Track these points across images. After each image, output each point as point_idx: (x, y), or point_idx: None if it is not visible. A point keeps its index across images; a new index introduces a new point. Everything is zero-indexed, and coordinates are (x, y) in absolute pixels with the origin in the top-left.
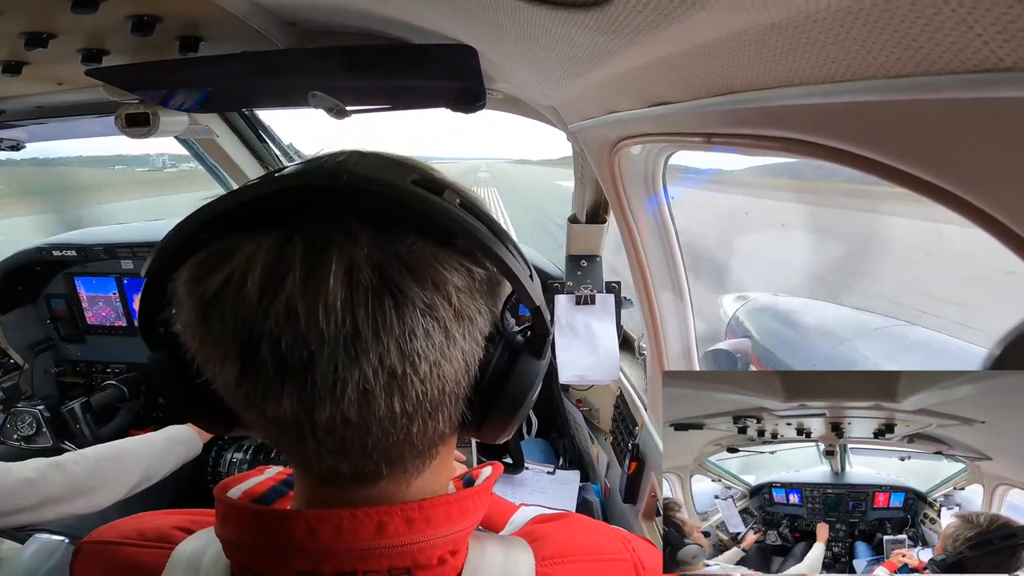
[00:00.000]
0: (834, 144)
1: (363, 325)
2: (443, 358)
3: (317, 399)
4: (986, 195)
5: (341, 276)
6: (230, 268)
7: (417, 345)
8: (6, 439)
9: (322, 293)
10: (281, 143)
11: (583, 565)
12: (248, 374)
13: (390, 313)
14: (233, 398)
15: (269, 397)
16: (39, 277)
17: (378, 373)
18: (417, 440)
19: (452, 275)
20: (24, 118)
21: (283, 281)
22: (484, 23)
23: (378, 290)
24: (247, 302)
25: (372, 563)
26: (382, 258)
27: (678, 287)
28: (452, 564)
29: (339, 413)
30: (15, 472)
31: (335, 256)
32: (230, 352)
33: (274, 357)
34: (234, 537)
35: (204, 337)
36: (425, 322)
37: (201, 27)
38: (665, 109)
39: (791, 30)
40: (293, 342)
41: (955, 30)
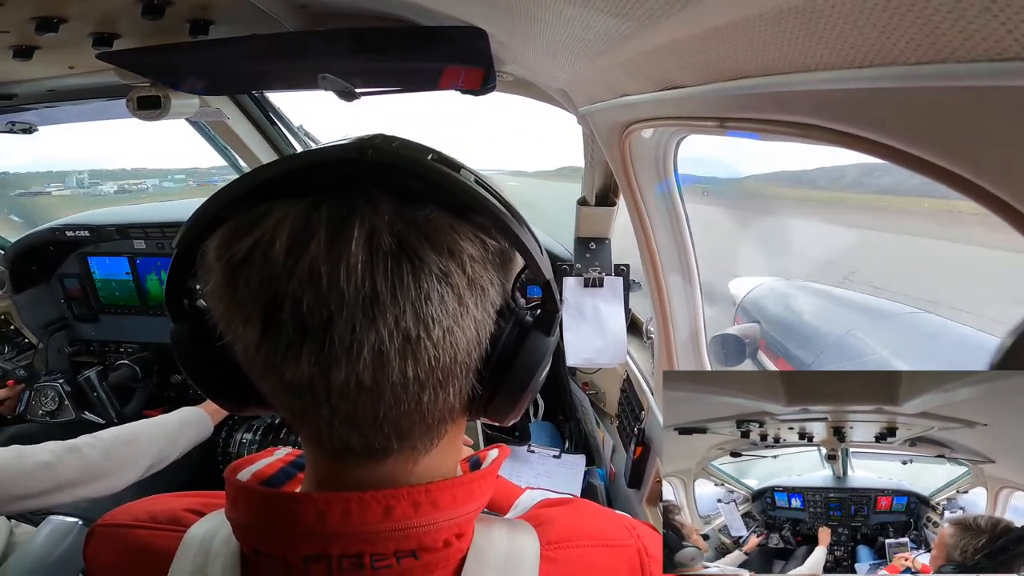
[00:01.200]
0: (851, 130)
1: (381, 288)
2: (456, 325)
3: (333, 360)
4: (1008, 185)
5: (363, 241)
6: (260, 232)
7: (432, 310)
8: (32, 416)
9: (344, 256)
10: (292, 125)
11: (588, 550)
12: (269, 335)
13: (407, 277)
14: (252, 363)
15: (288, 358)
16: (53, 257)
17: (393, 336)
18: (427, 411)
19: (467, 244)
20: (36, 102)
21: (308, 244)
22: (494, 5)
23: (397, 255)
24: (273, 263)
25: (379, 546)
26: (402, 226)
27: (687, 271)
28: (457, 547)
29: (354, 376)
30: (31, 456)
31: (358, 222)
32: (253, 313)
33: (295, 318)
34: (243, 519)
35: (230, 300)
36: (440, 287)
37: (211, 10)
38: (677, 93)
39: (808, 14)
40: (314, 303)
41: (978, 17)
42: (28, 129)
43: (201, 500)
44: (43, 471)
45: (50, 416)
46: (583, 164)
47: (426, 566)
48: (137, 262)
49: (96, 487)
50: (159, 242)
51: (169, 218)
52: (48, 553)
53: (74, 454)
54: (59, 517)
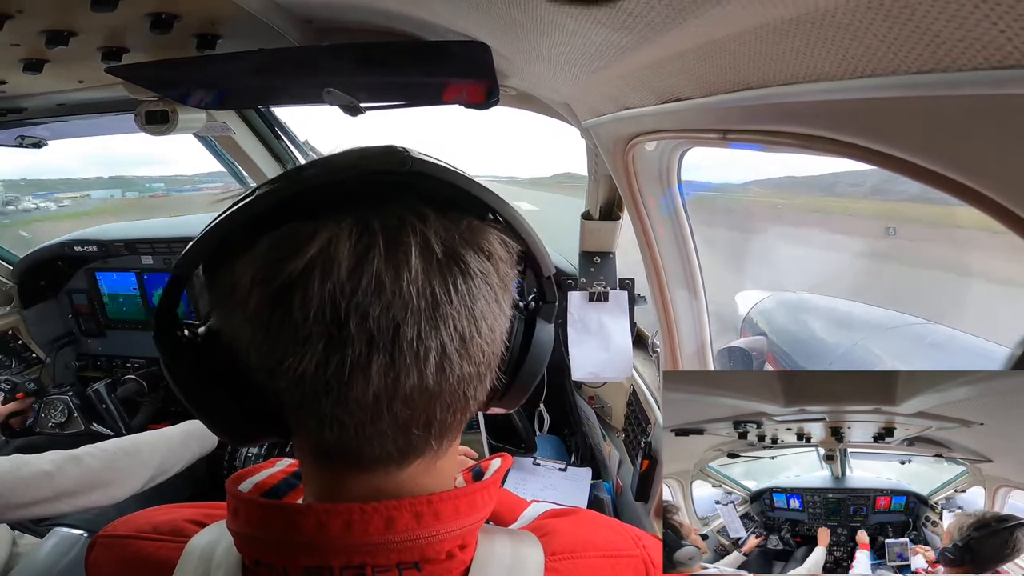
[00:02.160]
0: (853, 140)
1: (440, 293)
2: (496, 321)
3: (403, 368)
4: (1011, 194)
5: (417, 251)
6: (313, 250)
7: (479, 309)
8: (41, 428)
9: (404, 266)
10: (297, 140)
11: (593, 561)
12: (333, 353)
13: (459, 281)
14: (306, 387)
15: (355, 373)
16: (61, 272)
17: (453, 338)
18: (471, 406)
19: (497, 247)
20: (46, 115)
21: (371, 258)
22: (497, 19)
23: (448, 261)
24: (336, 280)
25: (381, 558)
26: (446, 234)
27: (692, 285)
28: (460, 558)
29: (421, 381)
30: (32, 464)
31: (411, 233)
32: (313, 333)
33: (362, 332)
34: (245, 531)
35: (279, 325)
36: (484, 288)
37: (218, 25)
38: (680, 105)
39: (809, 26)
40: (380, 314)
41: (978, 26)
42: (38, 143)
43: (203, 511)
44: (42, 480)
45: (59, 428)
46: (582, 171)
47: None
48: (145, 278)
49: (96, 497)
50: (167, 258)
51: (177, 233)
52: (53, 565)
53: (74, 463)
54: (64, 529)
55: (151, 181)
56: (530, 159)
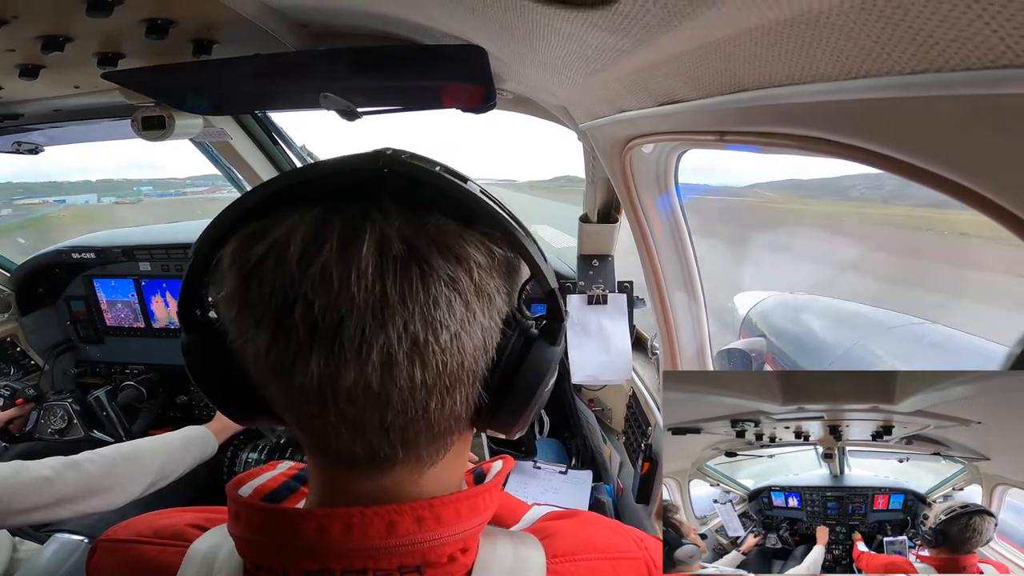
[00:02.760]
0: (849, 141)
1: (391, 292)
2: (463, 330)
3: (343, 362)
4: (1007, 193)
5: (374, 246)
6: (274, 236)
7: (440, 314)
8: (40, 434)
9: (355, 260)
10: (294, 145)
11: (594, 563)
12: (280, 338)
13: (416, 282)
14: (262, 368)
15: (298, 361)
16: (59, 279)
17: (402, 339)
18: (434, 419)
19: (474, 251)
20: (42, 121)
21: (321, 248)
22: (493, 23)
23: (406, 260)
24: (287, 266)
25: (383, 562)
26: (411, 232)
27: (691, 287)
28: (462, 562)
29: (362, 379)
30: (31, 470)
31: (369, 228)
32: (265, 316)
33: (306, 321)
34: (246, 535)
35: (243, 304)
36: (448, 293)
37: (214, 30)
38: (676, 108)
39: (803, 27)
40: (325, 306)
41: (971, 26)
42: (34, 149)
43: (204, 515)
44: (42, 485)
45: (58, 434)
46: (582, 174)
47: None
48: (143, 284)
49: (96, 502)
50: (164, 264)
51: (175, 240)
52: (53, 571)
53: (74, 469)
54: (65, 535)
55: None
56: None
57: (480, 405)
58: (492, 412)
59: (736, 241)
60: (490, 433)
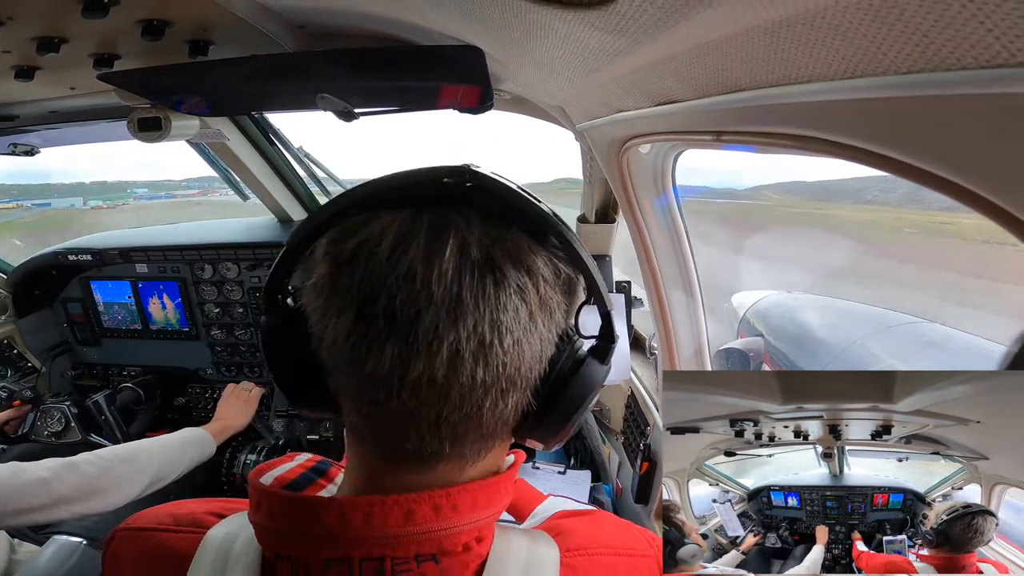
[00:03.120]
0: (846, 141)
1: (466, 294)
2: (524, 338)
3: (414, 354)
4: (1003, 192)
5: (456, 250)
6: (368, 232)
7: (507, 319)
8: (37, 436)
9: (438, 262)
10: (291, 146)
11: (607, 559)
12: (360, 325)
13: (489, 288)
14: (338, 353)
15: (373, 348)
16: (55, 281)
17: (470, 338)
18: (485, 418)
19: (542, 266)
20: (38, 123)
21: (408, 247)
22: (491, 24)
23: (482, 267)
24: (376, 261)
25: (400, 550)
26: (489, 241)
27: (689, 286)
28: (477, 551)
29: (429, 371)
30: (29, 472)
31: (452, 233)
32: (351, 304)
33: (387, 312)
34: (267, 523)
35: (331, 292)
36: (516, 301)
37: (210, 31)
38: (673, 108)
39: (800, 27)
40: (405, 300)
41: (966, 25)
42: (30, 151)
43: (222, 504)
44: (39, 487)
45: (55, 437)
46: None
47: (446, 570)
48: (139, 286)
49: (93, 504)
50: (161, 266)
51: (172, 242)
52: (52, 572)
53: (71, 471)
54: (63, 536)
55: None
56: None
57: (527, 412)
58: (537, 420)
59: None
60: (528, 443)
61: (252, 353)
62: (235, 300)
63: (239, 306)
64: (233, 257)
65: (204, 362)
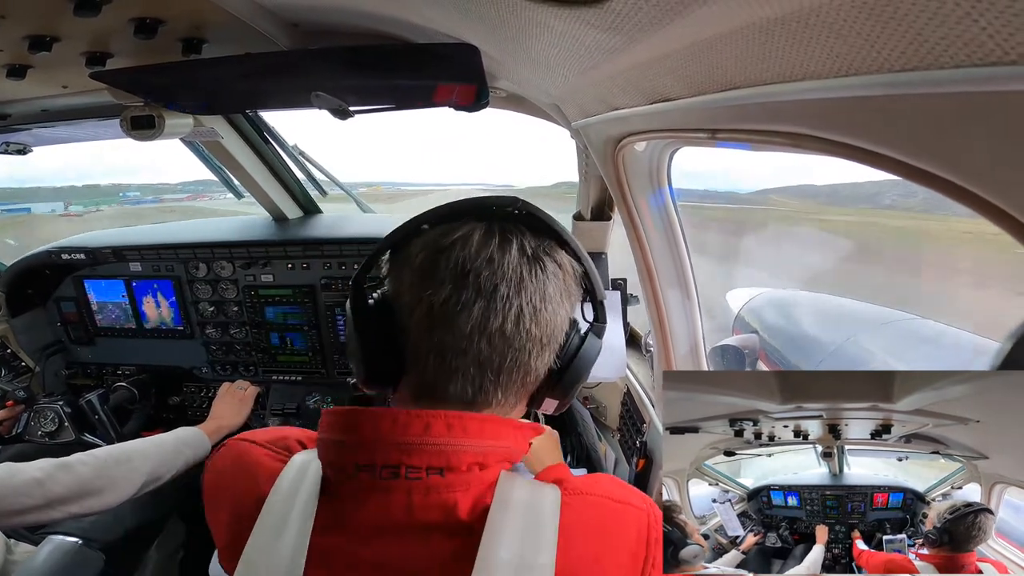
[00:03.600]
0: (840, 139)
1: (525, 275)
2: (557, 308)
3: (493, 312)
4: (996, 189)
5: (516, 247)
6: (459, 233)
7: (549, 293)
8: (31, 436)
9: (508, 254)
10: (286, 144)
11: (603, 501)
12: (456, 292)
13: (538, 272)
14: (433, 316)
15: (466, 307)
16: (49, 280)
17: (529, 303)
18: (530, 366)
19: (567, 263)
20: (30, 122)
21: (488, 243)
22: (486, 21)
23: (532, 259)
24: (469, 250)
25: (415, 458)
26: (535, 244)
27: (684, 284)
28: (480, 476)
29: (504, 324)
30: (23, 472)
31: (513, 238)
32: (448, 278)
33: (475, 284)
34: (323, 435)
35: (430, 271)
36: (555, 282)
37: (204, 29)
38: (668, 105)
39: (794, 24)
40: (487, 276)
41: (959, 23)
42: (22, 150)
43: (308, 434)
44: (34, 487)
45: (49, 437)
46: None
47: (450, 484)
48: (133, 285)
49: (88, 504)
50: (155, 264)
51: (166, 240)
52: (49, 573)
53: (65, 471)
54: (59, 536)
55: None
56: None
57: (550, 371)
58: (554, 382)
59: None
60: (545, 404)
61: (247, 352)
62: (230, 299)
63: (234, 304)
64: (228, 256)
65: (199, 361)
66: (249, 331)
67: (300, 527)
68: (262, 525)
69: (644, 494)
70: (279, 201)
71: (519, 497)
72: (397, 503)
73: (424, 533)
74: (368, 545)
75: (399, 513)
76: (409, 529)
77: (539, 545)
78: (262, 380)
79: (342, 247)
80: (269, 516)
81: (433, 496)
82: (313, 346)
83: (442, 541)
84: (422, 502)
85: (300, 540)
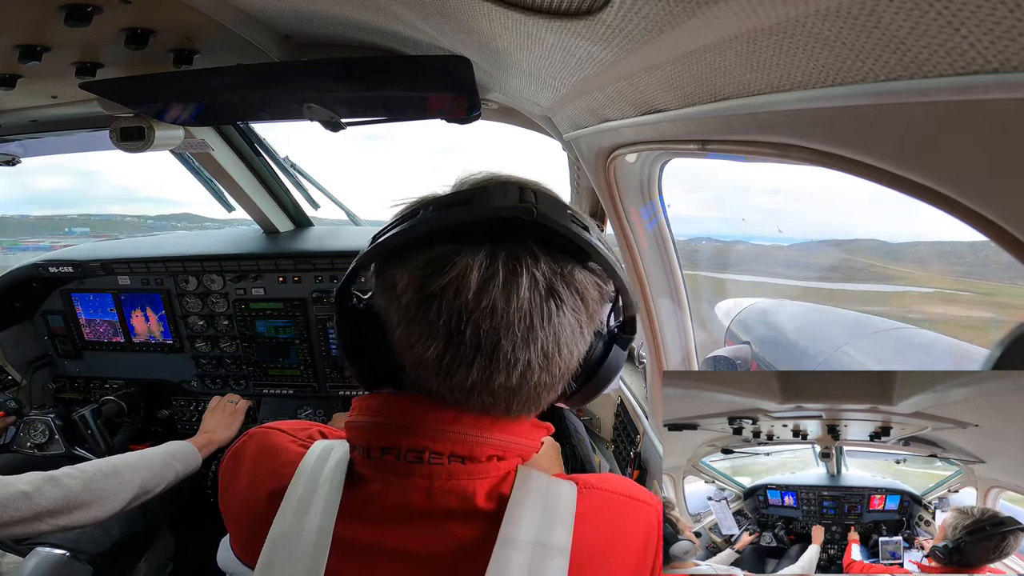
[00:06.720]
0: (827, 148)
1: (536, 321)
2: (576, 346)
3: (496, 371)
4: (979, 197)
5: (527, 284)
6: (453, 274)
7: (565, 336)
8: (19, 447)
9: (514, 298)
10: (277, 156)
11: (614, 495)
12: (450, 348)
13: (553, 313)
14: (426, 367)
15: (462, 367)
16: (36, 294)
17: (539, 355)
18: (543, 400)
19: (592, 290)
20: (19, 132)
21: (489, 287)
22: (478, 34)
23: (547, 296)
24: (463, 299)
25: (440, 445)
26: (551, 274)
27: (676, 295)
28: (498, 467)
29: (507, 382)
30: (10, 485)
31: (524, 271)
32: (441, 332)
33: (474, 339)
34: (353, 418)
35: (420, 320)
36: (572, 321)
37: (195, 40)
38: (658, 117)
39: (779, 35)
40: (488, 330)
41: (941, 32)
42: (11, 161)
43: (330, 429)
44: (21, 500)
45: (38, 449)
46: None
47: (469, 472)
48: (122, 298)
49: (76, 517)
50: (144, 278)
51: (154, 253)
52: None
53: (53, 484)
54: (46, 548)
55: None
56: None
57: (565, 390)
58: (571, 395)
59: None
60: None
61: (238, 365)
62: (220, 312)
63: (224, 318)
64: (218, 269)
65: (188, 374)
66: (240, 345)
67: (324, 509)
68: (286, 508)
69: (652, 492)
70: (270, 214)
71: (538, 485)
72: (418, 487)
73: (442, 520)
74: (389, 531)
75: (419, 497)
76: (429, 515)
77: (557, 528)
78: (253, 394)
79: (334, 260)
80: (293, 499)
81: (453, 482)
82: (304, 360)
83: (459, 527)
84: (442, 487)
85: (325, 522)
